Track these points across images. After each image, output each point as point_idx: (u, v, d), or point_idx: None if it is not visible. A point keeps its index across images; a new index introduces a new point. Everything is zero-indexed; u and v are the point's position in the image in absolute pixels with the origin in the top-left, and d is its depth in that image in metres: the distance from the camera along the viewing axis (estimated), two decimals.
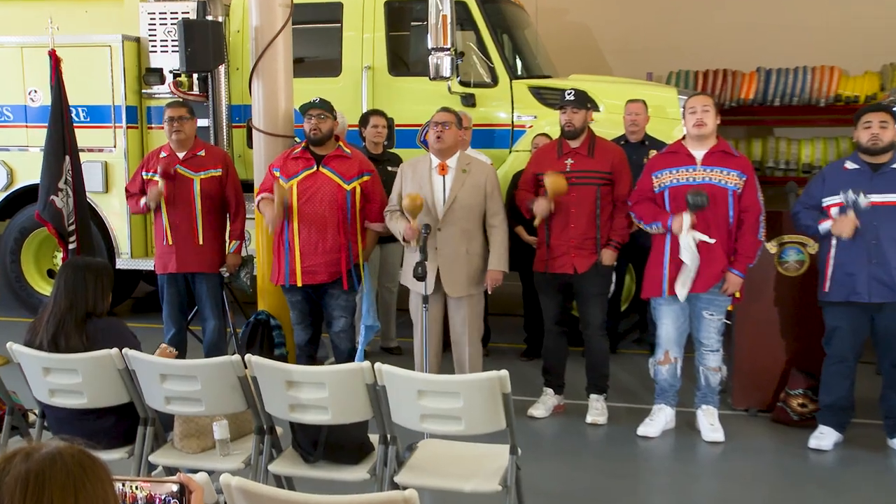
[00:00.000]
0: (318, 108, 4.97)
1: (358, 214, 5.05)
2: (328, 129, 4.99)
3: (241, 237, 5.58)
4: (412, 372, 3.26)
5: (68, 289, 3.57)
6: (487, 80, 6.88)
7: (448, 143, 4.80)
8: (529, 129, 6.76)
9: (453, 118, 4.85)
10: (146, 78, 7.28)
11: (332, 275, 5.00)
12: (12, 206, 7.57)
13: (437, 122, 4.81)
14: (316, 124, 4.95)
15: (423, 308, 4.60)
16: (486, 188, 4.86)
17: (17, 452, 1.49)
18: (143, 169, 5.50)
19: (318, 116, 4.96)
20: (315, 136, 4.97)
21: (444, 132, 4.78)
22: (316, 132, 4.96)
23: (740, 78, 9.77)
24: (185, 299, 5.60)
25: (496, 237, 4.88)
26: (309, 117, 4.97)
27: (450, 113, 4.87)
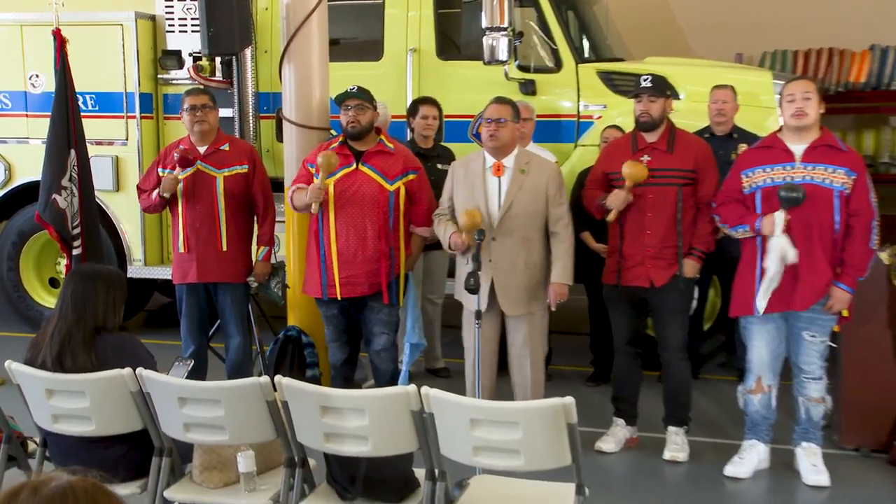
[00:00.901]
0: (356, 98, 5.01)
1: (402, 218, 5.09)
2: (368, 122, 5.03)
3: (271, 243, 5.64)
4: (464, 398, 3.26)
5: (76, 300, 3.63)
6: (550, 64, 6.89)
7: (503, 141, 4.82)
8: (598, 120, 6.74)
9: (509, 111, 4.85)
10: (162, 61, 7.39)
11: (373, 286, 5.04)
12: (10, 206, 7.70)
13: (491, 117, 4.81)
14: (354, 116, 5.00)
15: (476, 325, 4.61)
16: (549, 190, 4.85)
17: (23, 487, 1.48)
18: (159, 164, 5.59)
19: (356, 107, 5.00)
20: (353, 129, 5.01)
21: (499, 130, 4.79)
22: (354, 125, 5.01)
23: (849, 58, 9.57)
24: (206, 313, 5.68)
25: (560, 246, 4.87)
26: (346, 108, 5.02)
27: (505, 105, 4.88)
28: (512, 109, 4.87)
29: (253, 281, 5.65)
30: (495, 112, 4.83)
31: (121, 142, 7.47)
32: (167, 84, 7.54)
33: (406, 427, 3.28)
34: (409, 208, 5.11)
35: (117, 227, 7.51)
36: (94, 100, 7.44)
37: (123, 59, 7.38)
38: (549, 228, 4.90)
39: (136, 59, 7.37)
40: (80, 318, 3.61)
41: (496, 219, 4.80)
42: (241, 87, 7.22)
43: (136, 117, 7.41)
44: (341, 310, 5.16)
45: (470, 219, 4.65)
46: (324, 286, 5.06)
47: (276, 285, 5.72)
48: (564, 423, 3.08)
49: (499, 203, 4.82)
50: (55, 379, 3.57)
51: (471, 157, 5.02)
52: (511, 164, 4.85)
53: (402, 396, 3.26)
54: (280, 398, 3.42)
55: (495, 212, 4.81)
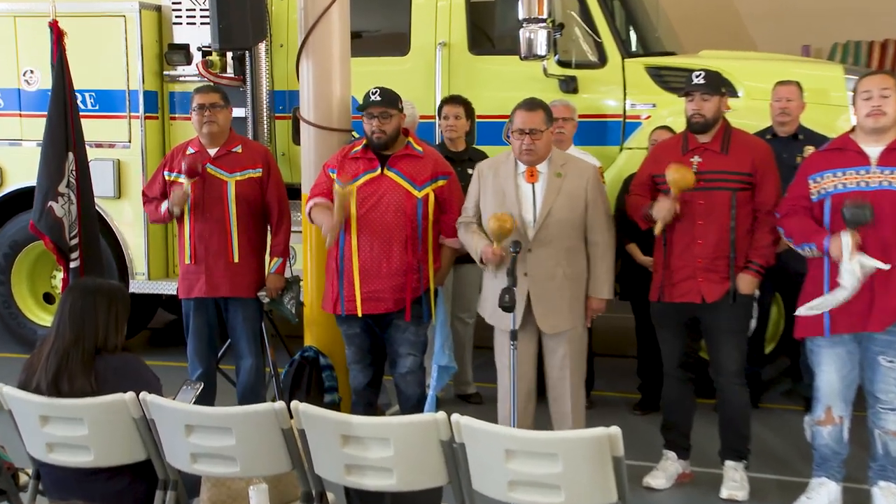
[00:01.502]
0: (379, 106, 5.02)
1: (431, 228, 5.10)
2: (394, 130, 5.06)
3: (285, 254, 5.68)
4: (498, 427, 3.27)
5: (74, 317, 3.65)
6: (593, 58, 6.89)
7: (541, 154, 4.82)
8: (646, 120, 6.73)
9: (542, 118, 4.81)
10: (169, 56, 7.46)
11: (399, 303, 5.06)
12: (1, 214, 7.77)
13: (522, 128, 4.78)
14: (379, 126, 5.02)
15: (511, 346, 4.60)
16: (588, 195, 4.85)
17: None
18: (166, 168, 5.65)
19: (380, 116, 5.02)
20: (379, 140, 5.05)
21: (535, 142, 4.77)
22: (379, 136, 5.04)
23: None
24: (216, 331, 5.72)
25: (598, 256, 4.87)
26: (369, 117, 5.04)
27: (536, 111, 4.82)
28: (545, 114, 4.84)
29: (264, 296, 5.68)
30: (528, 121, 4.78)
31: (123, 144, 7.53)
32: (174, 81, 7.60)
33: (434, 458, 3.28)
34: (439, 217, 5.13)
35: (118, 237, 7.57)
36: (94, 98, 7.52)
37: (126, 53, 7.44)
38: (587, 237, 4.90)
39: (139, 54, 7.43)
40: (78, 337, 3.62)
41: (532, 229, 4.80)
42: (255, 85, 7.26)
43: (140, 117, 7.48)
44: (364, 328, 5.18)
45: (499, 224, 4.64)
46: (342, 302, 5.09)
47: (290, 301, 5.75)
48: (609, 456, 3.06)
49: (534, 211, 4.81)
50: (50, 404, 3.58)
51: (499, 159, 5.01)
52: (545, 169, 4.85)
53: (431, 425, 3.26)
54: (296, 426, 3.43)
55: (530, 220, 4.81)
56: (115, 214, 7.55)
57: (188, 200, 5.46)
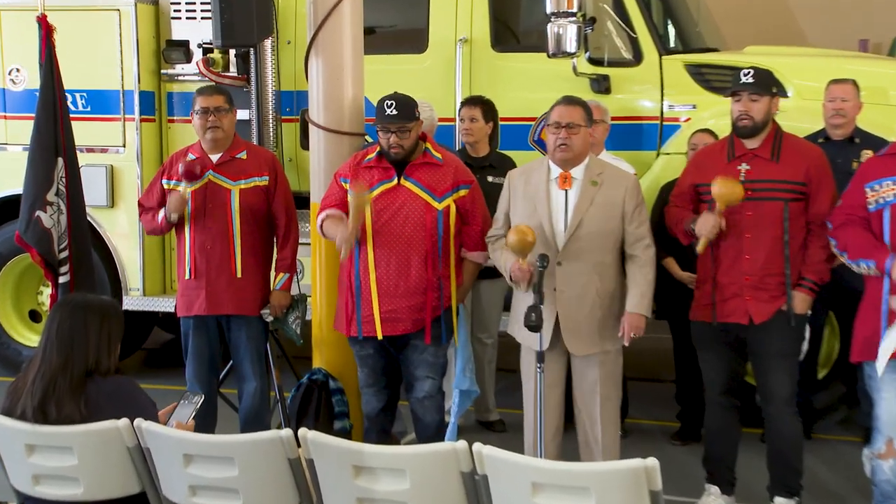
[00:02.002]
0: (396, 122, 5.02)
1: (452, 241, 5.12)
2: (413, 143, 5.08)
3: (292, 269, 5.71)
4: (524, 457, 3.27)
5: (62, 338, 3.64)
6: (627, 55, 6.91)
7: (576, 150, 4.83)
8: (686, 123, 6.74)
9: (581, 114, 4.86)
10: (167, 54, 7.52)
11: (417, 323, 5.07)
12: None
13: (559, 121, 4.82)
14: (397, 142, 5.04)
15: (538, 369, 4.61)
16: (626, 206, 4.86)
17: None
18: (164, 176, 5.68)
19: (398, 132, 5.04)
20: (397, 155, 5.07)
21: (571, 136, 4.80)
22: (398, 151, 5.06)
23: None
24: (217, 351, 5.74)
25: (638, 271, 4.87)
26: (385, 131, 5.06)
27: (576, 106, 4.88)
28: (584, 111, 4.89)
29: (268, 314, 5.70)
30: (565, 115, 4.83)
31: (117, 149, 7.60)
32: (172, 81, 7.67)
33: (454, 492, 3.28)
34: (461, 229, 5.14)
35: (112, 250, 7.63)
36: (85, 99, 7.59)
37: (121, 50, 7.51)
38: (624, 251, 4.90)
39: (135, 51, 7.50)
40: (67, 360, 3.61)
41: (562, 240, 4.81)
42: (260, 85, 7.32)
43: (136, 119, 7.55)
44: (378, 349, 5.20)
45: (520, 237, 4.65)
46: (359, 322, 5.10)
47: (294, 321, 5.78)
48: (646, 490, 3.06)
49: (565, 220, 4.82)
50: (36, 432, 3.58)
51: (532, 166, 5.04)
52: (580, 175, 4.86)
53: (450, 454, 3.26)
54: (304, 455, 3.44)
55: (561, 231, 4.82)
56: (108, 225, 7.61)
57: (187, 207, 5.49)
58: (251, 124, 7.32)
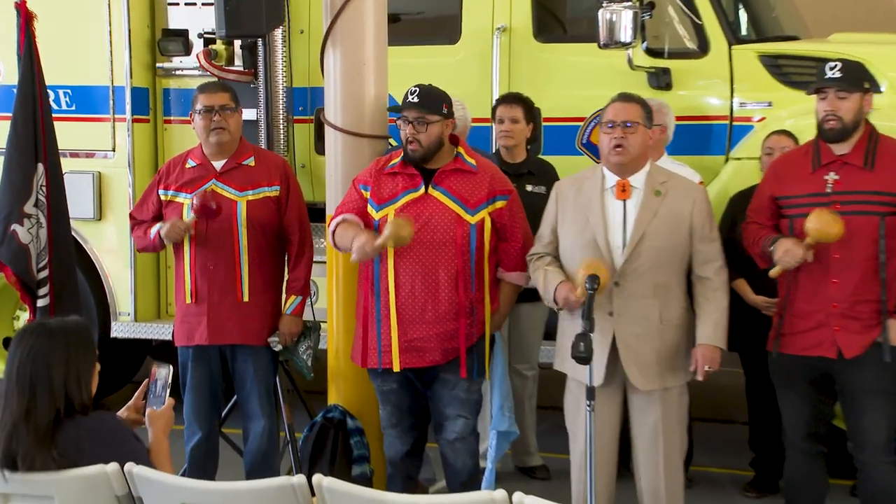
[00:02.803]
0: (415, 110, 5.05)
1: (487, 260, 5.13)
2: (434, 141, 5.08)
3: (305, 291, 5.74)
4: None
5: (22, 379, 3.59)
6: (692, 45, 6.89)
7: (633, 153, 4.82)
8: (760, 123, 6.71)
9: (640, 112, 4.87)
10: (163, 45, 7.57)
11: (447, 353, 5.09)
12: None
13: (614, 120, 4.83)
14: (413, 135, 5.06)
15: (588, 407, 4.59)
16: (694, 220, 4.85)
17: None
18: (160, 185, 5.71)
19: (417, 122, 5.06)
20: (414, 152, 5.08)
21: (628, 137, 4.81)
22: (414, 147, 5.07)
23: None
24: (220, 386, 5.78)
25: (711, 296, 4.85)
26: (404, 122, 5.09)
27: (634, 104, 4.89)
28: (643, 110, 4.89)
29: (276, 342, 5.73)
30: (621, 113, 4.84)
31: (105, 153, 7.66)
32: (169, 76, 7.73)
33: None
34: (498, 246, 5.16)
35: (99, 268, 7.67)
36: (69, 96, 7.66)
37: (110, 41, 7.57)
38: (692, 273, 4.89)
39: (126, 42, 7.54)
40: (29, 406, 3.57)
41: (620, 257, 4.80)
42: (269, 81, 7.34)
43: (127, 120, 7.59)
44: (402, 384, 5.22)
45: (588, 271, 4.55)
46: (379, 352, 5.12)
47: (305, 351, 5.81)
48: None
49: (624, 236, 4.81)
50: (12, 479, 3.56)
51: (584, 175, 5.04)
52: (641, 184, 4.85)
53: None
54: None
55: (618, 246, 4.81)
56: (95, 240, 7.66)
57: (189, 233, 5.50)
58: (259, 126, 7.34)
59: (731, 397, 6.74)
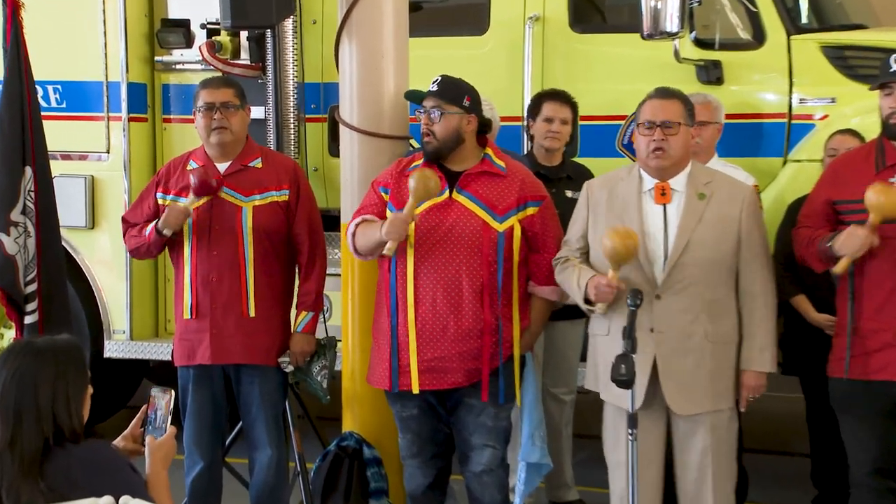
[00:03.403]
0: (432, 99, 5.09)
1: (517, 272, 5.14)
2: (449, 135, 5.09)
3: (318, 306, 5.75)
4: None
5: (6, 406, 3.58)
6: (745, 35, 6.89)
7: (674, 156, 4.81)
8: (822, 121, 6.70)
9: (680, 109, 4.85)
10: (162, 36, 7.61)
11: (472, 375, 5.09)
12: None
13: (652, 119, 4.81)
14: (427, 126, 5.08)
15: (629, 435, 4.60)
16: (742, 226, 4.84)
17: None
18: (159, 189, 5.75)
19: (433, 112, 5.07)
20: (428, 146, 5.11)
21: (668, 139, 4.79)
22: (427, 140, 5.10)
23: None
24: (223, 411, 5.79)
25: (757, 313, 4.84)
26: (422, 112, 5.13)
27: (673, 100, 4.88)
28: (683, 106, 4.88)
29: (287, 363, 5.73)
30: (660, 112, 4.82)
31: (99, 155, 7.72)
32: (168, 70, 7.79)
33: None
34: (528, 257, 5.17)
35: (91, 282, 7.72)
36: (60, 93, 7.73)
37: (104, 32, 7.62)
38: (739, 286, 4.88)
39: (122, 33, 7.60)
40: (14, 435, 3.56)
41: (661, 269, 4.79)
42: (279, 76, 7.35)
43: (123, 119, 7.66)
44: (424, 409, 5.23)
45: (622, 241, 4.59)
46: (394, 373, 5.13)
47: (320, 372, 5.80)
48: None
49: (665, 243, 4.81)
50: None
51: (617, 175, 5.04)
52: (683, 186, 4.85)
53: None
54: None
55: (660, 257, 4.80)
56: (88, 251, 7.71)
57: (189, 218, 5.51)
58: (267, 125, 7.37)
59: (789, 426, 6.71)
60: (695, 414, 4.85)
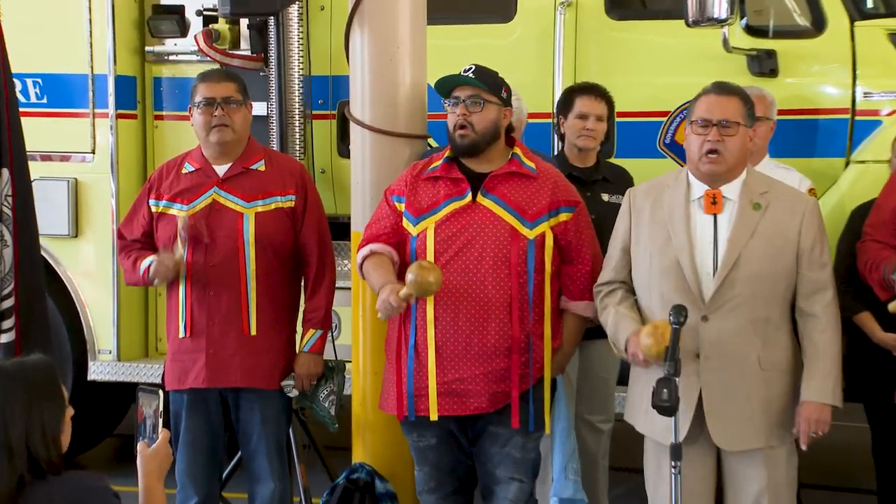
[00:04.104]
0: (470, 87, 5.08)
1: (549, 285, 5.14)
2: (489, 128, 5.10)
3: (326, 324, 5.77)
4: None
5: None
6: (803, 22, 6.88)
7: (731, 160, 4.79)
8: (890, 117, 6.70)
9: (739, 107, 4.83)
10: (154, 25, 7.64)
11: (497, 399, 5.08)
12: None
13: (708, 117, 4.79)
14: (465, 117, 5.07)
15: (672, 470, 4.59)
16: (802, 240, 4.82)
17: None
18: (151, 194, 5.76)
19: (471, 101, 5.08)
20: (464, 139, 5.09)
21: (725, 140, 4.76)
22: (465, 132, 5.08)
23: None
24: (221, 439, 5.80)
25: (819, 337, 4.81)
26: (453, 103, 5.12)
27: (732, 97, 4.86)
28: (743, 105, 4.85)
29: (291, 387, 5.74)
30: (717, 109, 4.80)
31: (84, 156, 7.76)
32: (161, 62, 7.83)
33: None
34: (561, 269, 5.18)
35: (74, 296, 7.74)
36: (40, 87, 7.77)
37: (90, 19, 7.65)
38: (797, 306, 4.86)
39: (109, 21, 7.62)
40: None
41: (710, 284, 4.78)
42: (283, 69, 7.37)
43: (110, 115, 7.69)
44: (443, 438, 5.23)
45: (657, 341, 4.56)
46: (410, 398, 5.13)
47: (328, 397, 5.81)
48: None
49: (714, 257, 4.79)
50: None
51: (664, 181, 5.03)
52: (736, 195, 4.83)
53: None
54: None
55: (708, 272, 4.78)
56: (70, 262, 7.74)
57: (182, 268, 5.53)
58: (270, 122, 7.39)
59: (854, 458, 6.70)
60: (748, 450, 4.82)
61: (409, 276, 4.88)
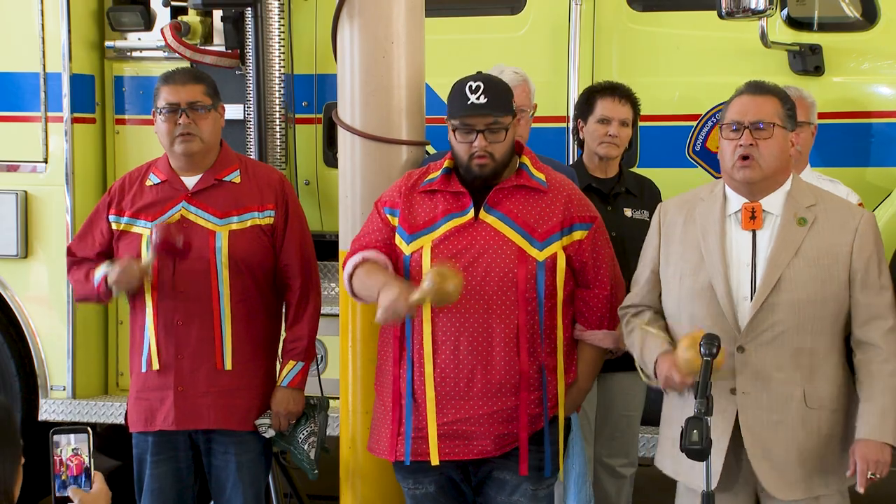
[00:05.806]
0: (486, 114, 5.03)
1: (561, 311, 5.16)
2: (508, 150, 5.10)
3: (309, 355, 5.78)
4: None
5: None
6: (852, 13, 6.92)
7: (767, 167, 4.79)
8: None
9: (778, 108, 4.84)
10: (115, 16, 7.70)
11: (504, 442, 5.10)
12: None
13: (741, 120, 4.80)
14: (484, 147, 5.03)
15: None
16: (854, 260, 4.81)
17: None
18: (110, 209, 5.78)
19: (488, 131, 5.02)
20: (483, 168, 5.05)
21: (761, 146, 4.77)
22: (484, 163, 5.05)
23: None
24: (190, 487, 5.80)
25: (875, 371, 4.80)
26: (465, 131, 5.07)
27: (770, 97, 4.88)
28: (781, 105, 4.87)
29: (267, 426, 5.75)
30: (751, 110, 4.82)
31: (34, 165, 7.79)
32: (123, 59, 7.88)
33: None
34: (575, 293, 5.20)
35: (24, 324, 7.76)
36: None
37: (41, 10, 7.69)
38: (852, 336, 4.87)
39: (64, 12, 7.65)
40: None
41: (747, 311, 4.79)
42: (261, 66, 7.41)
43: (65, 119, 7.73)
44: (443, 486, 5.25)
45: (694, 355, 4.55)
46: (407, 440, 5.15)
47: (308, 439, 5.84)
48: None
49: (752, 280, 4.81)
50: None
51: (698, 194, 5.04)
52: (779, 208, 4.84)
53: None
54: None
55: (745, 298, 4.80)
56: (19, 286, 7.78)
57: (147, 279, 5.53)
58: (247, 127, 7.44)
59: None
60: (793, 501, 4.82)
61: (426, 283, 4.85)
